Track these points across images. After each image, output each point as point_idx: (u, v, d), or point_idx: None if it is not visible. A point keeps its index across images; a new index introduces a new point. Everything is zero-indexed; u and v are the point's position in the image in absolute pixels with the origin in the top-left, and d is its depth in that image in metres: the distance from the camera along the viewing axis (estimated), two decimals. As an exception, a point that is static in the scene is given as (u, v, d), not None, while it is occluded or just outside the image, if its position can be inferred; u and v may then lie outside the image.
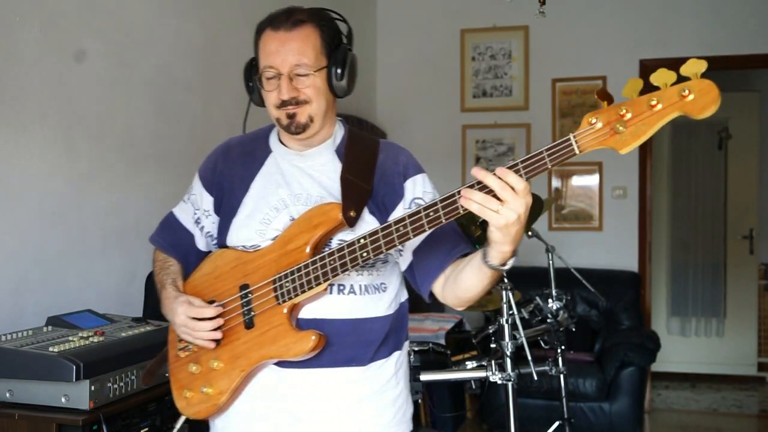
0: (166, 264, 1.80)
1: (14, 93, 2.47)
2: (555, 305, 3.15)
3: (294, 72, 1.61)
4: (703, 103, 1.25)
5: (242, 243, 1.67)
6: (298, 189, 1.67)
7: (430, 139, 5.69)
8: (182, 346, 1.72)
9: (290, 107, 1.62)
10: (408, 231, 1.45)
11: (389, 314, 1.69)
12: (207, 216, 1.78)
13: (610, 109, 1.30)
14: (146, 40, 3.14)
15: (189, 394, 1.69)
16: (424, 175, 1.73)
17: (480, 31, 5.58)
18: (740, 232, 6.25)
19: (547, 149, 1.34)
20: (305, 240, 1.58)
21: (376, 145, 1.74)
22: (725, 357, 6.22)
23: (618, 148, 1.30)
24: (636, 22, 5.33)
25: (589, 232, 5.44)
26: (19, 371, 2.00)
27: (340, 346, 1.61)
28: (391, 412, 1.70)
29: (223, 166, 1.77)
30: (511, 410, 2.74)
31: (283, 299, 1.58)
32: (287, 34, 1.61)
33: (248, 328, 1.62)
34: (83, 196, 2.78)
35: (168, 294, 1.70)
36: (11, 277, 2.47)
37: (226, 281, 1.67)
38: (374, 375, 1.67)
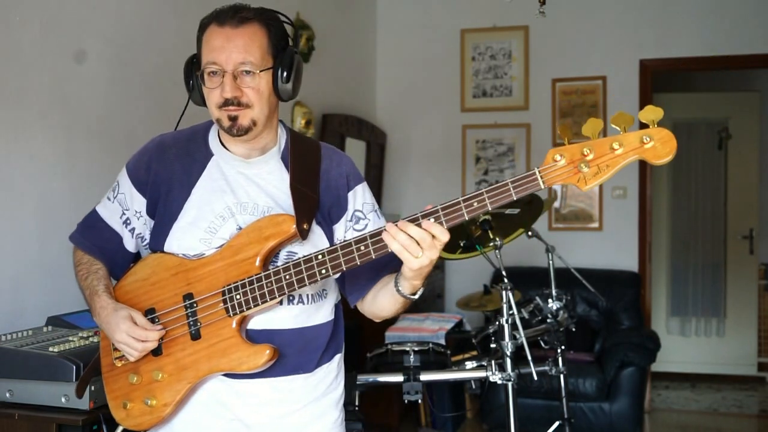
0: (93, 267, 1.70)
1: (14, 93, 2.47)
2: (555, 305, 3.15)
3: (238, 70, 1.55)
4: (662, 152, 1.37)
5: (184, 251, 1.61)
6: (244, 197, 1.62)
7: (430, 139, 5.69)
8: (118, 355, 1.66)
9: (232, 108, 1.56)
10: (370, 251, 1.46)
11: (330, 320, 1.71)
12: (138, 217, 1.68)
13: (574, 148, 1.39)
14: (146, 40, 3.14)
15: (129, 405, 1.63)
16: (364, 184, 1.72)
17: (480, 31, 5.57)
18: (740, 232, 6.25)
19: (513, 181, 1.39)
20: (255, 251, 1.55)
21: (318, 150, 1.70)
22: (725, 357, 6.22)
23: (580, 186, 1.39)
24: (636, 22, 5.33)
25: (589, 232, 5.44)
26: (19, 371, 2.00)
27: (288, 356, 1.60)
28: (336, 413, 1.72)
29: (158, 166, 1.66)
30: (511, 410, 2.74)
31: (234, 312, 1.55)
32: (233, 30, 1.57)
33: (194, 339, 1.58)
34: (83, 196, 2.78)
35: (103, 303, 1.62)
36: (11, 277, 2.47)
37: (165, 289, 1.61)
38: (319, 379, 1.68)
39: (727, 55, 5.19)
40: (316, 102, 4.57)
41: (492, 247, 2.97)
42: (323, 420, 1.69)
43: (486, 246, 3.02)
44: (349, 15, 5.36)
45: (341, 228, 1.67)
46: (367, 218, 1.69)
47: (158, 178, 1.65)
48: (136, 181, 1.68)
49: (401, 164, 5.72)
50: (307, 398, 1.66)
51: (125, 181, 1.70)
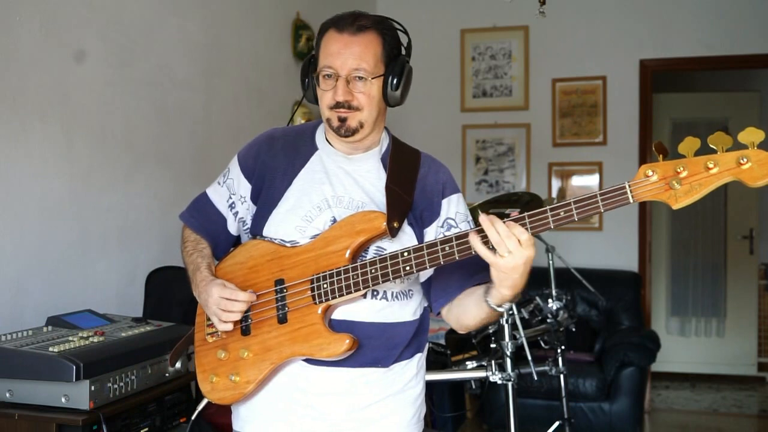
0: (199, 245, 1.79)
1: (14, 93, 2.47)
2: (555, 305, 3.15)
3: (352, 76, 1.63)
4: (759, 174, 1.32)
5: (280, 237, 1.68)
6: (341, 191, 1.68)
7: (430, 139, 5.66)
8: (210, 331, 1.73)
9: (342, 110, 1.63)
10: (454, 252, 1.50)
11: (415, 319, 1.73)
12: (242, 202, 1.76)
13: (668, 165, 1.37)
14: (146, 40, 3.14)
15: (215, 379, 1.70)
16: (459, 195, 1.77)
17: (480, 31, 5.57)
18: (740, 232, 6.25)
19: (602, 194, 1.41)
20: (346, 244, 1.61)
21: (418, 157, 1.77)
22: (725, 357, 6.22)
23: (671, 203, 1.37)
24: (636, 22, 5.33)
25: (589, 232, 5.44)
26: (19, 371, 2.00)
27: (367, 348, 1.64)
28: (411, 411, 1.74)
29: (266, 156, 1.75)
30: (511, 410, 2.74)
31: (320, 300, 1.61)
32: (351, 37, 1.64)
33: (281, 322, 1.64)
34: (83, 196, 2.78)
35: (203, 276, 1.70)
36: (11, 277, 2.47)
37: (260, 273, 1.68)
38: (396, 375, 1.71)
39: (727, 55, 5.19)
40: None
41: (492, 247, 2.97)
42: (397, 416, 1.71)
43: (486, 246, 3.01)
44: (349, 15, 5.35)
45: (432, 232, 1.71)
46: (458, 227, 1.72)
47: (264, 166, 1.74)
48: (244, 168, 1.76)
49: (401, 164, 5.72)
50: (383, 393, 1.69)
51: (235, 167, 1.78)
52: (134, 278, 3.04)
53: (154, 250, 3.13)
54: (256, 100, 3.99)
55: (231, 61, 3.79)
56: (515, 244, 1.42)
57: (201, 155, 3.46)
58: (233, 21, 3.80)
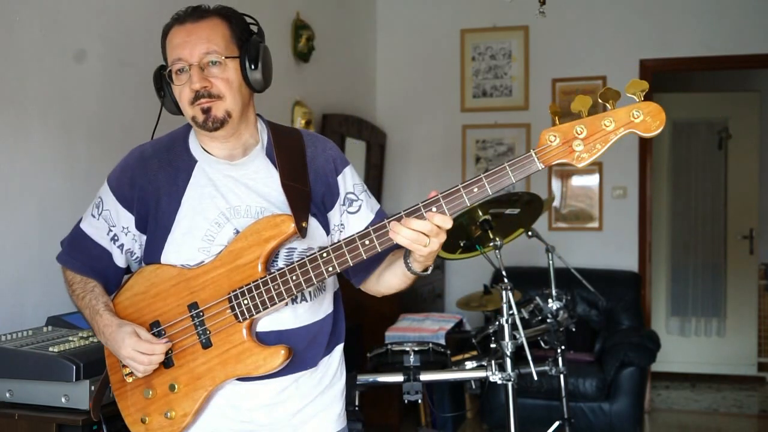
0: (88, 286, 1.68)
1: (14, 93, 2.47)
2: (555, 305, 3.15)
3: (204, 61, 1.55)
4: (653, 125, 1.38)
5: (183, 262, 1.59)
6: (235, 201, 1.59)
7: (430, 139, 5.69)
8: (128, 371, 1.65)
9: (204, 101, 1.54)
10: (375, 245, 1.47)
11: (331, 311, 1.70)
12: (126, 233, 1.65)
13: (567, 127, 1.41)
14: (146, 40, 3.13)
15: (148, 419, 1.62)
16: (350, 166, 1.72)
17: (480, 31, 5.57)
18: (740, 232, 6.25)
19: (511, 164, 1.41)
20: (257, 254, 1.54)
21: (301, 139, 1.69)
22: (725, 357, 6.22)
23: (576, 163, 1.42)
24: (636, 22, 5.33)
25: (589, 232, 5.44)
26: (19, 371, 2.00)
27: (296, 354, 1.60)
28: (340, 405, 1.73)
29: (142, 181, 1.63)
30: (511, 410, 2.74)
31: (243, 317, 1.54)
32: (194, 24, 1.58)
33: (205, 347, 1.57)
34: (83, 196, 2.78)
35: (106, 321, 1.60)
36: (11, 277, 2.47)
37: (167, 300, 1.60)
38: (322, 373, 1.69)
39: (727, 55, 5.19)
40: (316, 102, 4.57)
41: (492, 247, 2.97)
42: (327, 412, 1.70)
43: (486, 246, 3.02)
44: (349, 15, 5.36)
45: (336, 213, 1.66)
46: (359, 199, 1.68)
47: (144, 192, 1.62)
48: (121, 197, 1.65)
49: (401, 164, 5.72)
50: (313, 393, 1.67)
51: (109, 197, 1.67)
52: (134, 278, 3.03)
53: (154, 250, 3.12)
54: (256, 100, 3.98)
55: (231, 61, 3.79)
56: (436, 231, 1.43)
57: (201, 155, 3.45)
58: (233, 21, 3.80)
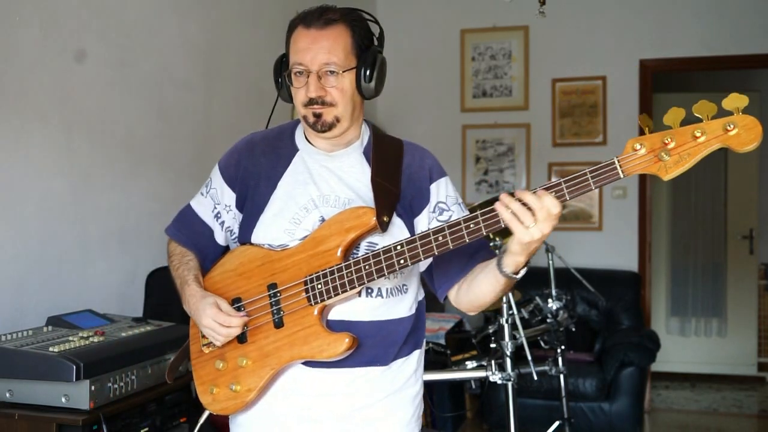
0: (185, 258, 1.77)
1: (14, 93, 2.47)
2: (555, 305, 3.15)
3: (323, 71, 1.61)
4: (747, 139, 1.32)
5: (269, 242, 1.66)
6: (326, 190, 1.66)
7: (430, 139, 5.65)
8: (206, 342, 1.71)
9: (317, 106, 1.62)
10: (448, 242, 1.47)
11: (410, 315, 1.72)
12: (228, 211, 1.74)
13: (655, 137, 1.36)
14: (146, 40, 3.14)
15: (215, 390, 1.68)
16: (447, 178, 1.75)
17: (480, 31, 5.57)
18: (740, 232, 6.25)
19: (592, 171, 1.39)
20: (337, 243, 1.58)
21: (401, 146, 1.75)
22: (725, 357, 6.22)
23: (661, 174, 1.36)
24: (636, 22, 5.33)
25: (589, 232, 5.44)
26: (19, 371, 2.00)
27: (365, 347, 1.63)
28: (411, 410, 1.73)
29: (247, 163, 1.73)
30: (511, 410, 2.75)
31: (315, 301, 1.59)
32: (319, 32, 1.61)
33: (277, 327, 1.62)
34: (83, 196, 2.78)
35: (192, 291, 1.68)
36: (11, 277, 2.47)
37: (251, 279, 1.66)
38: (395, 373, 1.69)
39: (727, 55, 5.19)
40: (316, 102, 4.56)
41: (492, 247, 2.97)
42: (398, 415, 1.70)
43: (486, 246, 3.02)
44: (349, 15, 5.35)
45: (424, 219, 1.68)
46: (450, 210, 1.70)
47: (247, 173, 1.72)
48: (226, 176, 1.74)
49: (401, 164, 5.71)
50: (382, 392, 1.67)
51: (217, 176, 1.76)
52: (134, 278, 3.03)
53: (154, 250, 3.12)
54: (256, 100, 3.98)
55: (231, 61, 3.79)
56: (545, 214, 1.38)
57: (201, 155, 3.46)
58: (233, 21, 3.80)
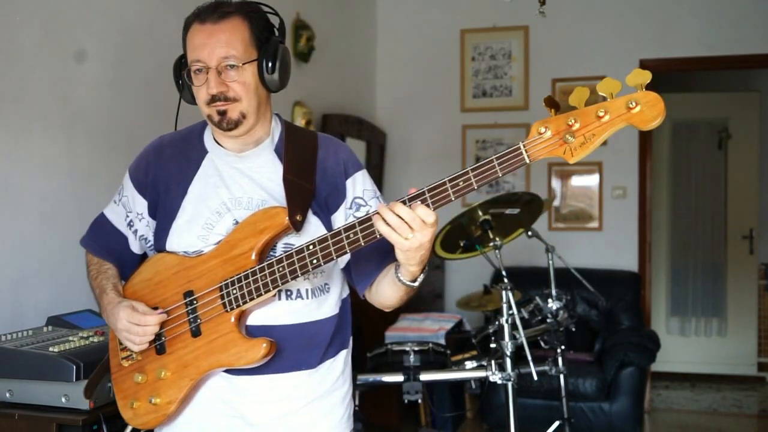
0: (103, 267, 1.75)
1: (15, 93, 2.47)
2: (555, 305, 3.15)
3: (222, 65, 1.56)
4: (650, 116, 1.27)
5: (184, 249, 1.62)
6: (238, 192, 1.62)
7: (430, 139, 5.69)
8: (125, 355, 1.68)
9: (220, 103, 1.57)
10: (359, 238, 1.44)
11: (334, 314, 1.69)
12: (140, 219, 1.71)
13: (559, 119, 1.33)
14: (146, 40, 3.14)
15: (136, 404, 1.65)
16: (363, 171, 1.71)
17: (480, 31, 5.57)
18: (740, 232, 6.25)
19: (498, 157, 1.36)
20: (250, 245, 1.55)
21: (315, 140, 1.69)
22: (725, 357, 6.22)
23: (567, 158, 1.34)
24: (636, 22, 5.33)
25: (589, 232, 5.44)
26: (19, 371, 2.00)
27: (289, 351, 1.60)
28: (341, 411, 1.71)
29: (156, 168, 1.69)
30: (511, 410, 2.74)
31: (231, 306, 1.55)
32: (214, 26, 1.57)
33: (195, 336, 1.59)
34: (83, 195, 2.78)
35: (110, 299, 1.66)
36: (11, 277, 2.47)
37: (168, 287, 1.63)
38: (323, 376, 1.67)
39: (727, 55, 5.19)
40: (316, 102, 4.57)
41: (492, 247, 2.98)
42: (329, 418, 1.68)
43: (486, 246, 3.02)
44: (349, 15, 5.37)
45: (341, 216, 1.65)
46: (368, 205, 1.67)
47: (156, 179, 1.68)
48: (136, 183, 1.71)
49: (401, 164, 5.72)
50: (311, 395, 1.65)
51: (128, 184, 1.73)
52: (134, 278, 3.03)
53: (154, 250, 3.13)
54: (256, 100, 3.98)
55: (231, 61, 3.79)
56: (420, 224, 1.37)
57: (201, 155, 3.45)
58: (233, 21, 3.80)
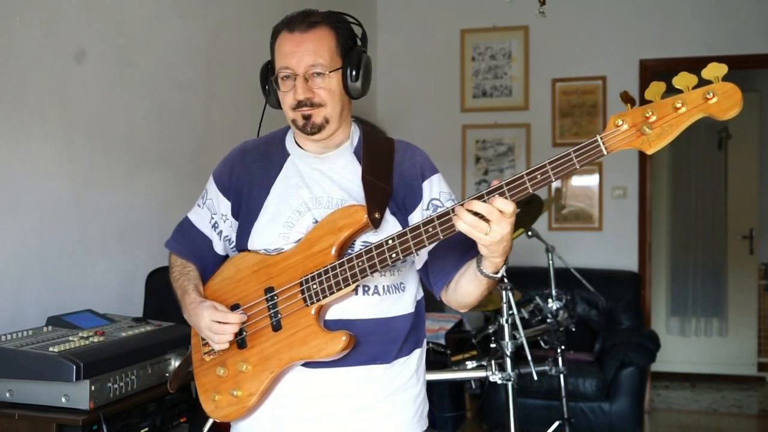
0: (186, 269, 1.81)
1: (14, 93, 2.47)
2: (555, 305, 3.15)
3: (309, 72, 1.62)
4: (727, 105, 1.30)
5: (265, 247, 1.67)
6: (318, 192, 1.68)
7: (430, 139, 5.67)
8: (207, 350, 1.72)
9: (305, 108, 1.63)
10: (437, 232, 1.47)
11: (410, 312, 1.72)
12: (224, 220, 1.77)
13: (636, 111, 1.35)
14: (146, 40, 3.14)
15: (218, 397, 1.69)
16: (439, 175, 1.76)
17: (480, 31, 5.57)
18: (740, 232, 6.25)
19: (575, 150, 1.37)
20: (330, 242, 1.60)
21: (392, 144, 1.76)
22: (725, 357, 6.22)
23: (645, 148, 1.35)
24: (636, 22, 5.33)
25: (589, 232, 5.44)
26: (19, 371, 2.00)
27: (365, 345, 1.63)
28: (413, 409, 1.73)
29: (240, 171, 1.76)
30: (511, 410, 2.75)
31: (311, 301, 1.60)
32: (303, 35, 1.64)
33: (275, 330, 1.63)
34: (83, 196, 2.78)
35: (192, 299, 1.71)
36: (11, 277, 2.47)
37: (249, 284, 1.68)
38: (397, 372, 1.70)
39: (727, 55, 5.19)
40: (316, 102, 4.56)
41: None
42: (401, 415, 1.70)
43: (486, 246, 3.02)
44: (349, 15, 5.36)
45: (417, 217, 1.68)
46: (444, 206, 1.69)
47: (240, 181, 1.74)
48: (221, 186, 1.77)
49: (401, 164, 5.71)
50: (384, 390, 1.68)
51: (212, 187, 1.79)
52: (134, 278, 3.03)
53: (154, 250, 3.12)
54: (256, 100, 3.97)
55: (231, 61, 3.79)
56: (498, 216, 1.39)
57: (201, 155, 3.46)
58: (233, 21, 3.80)
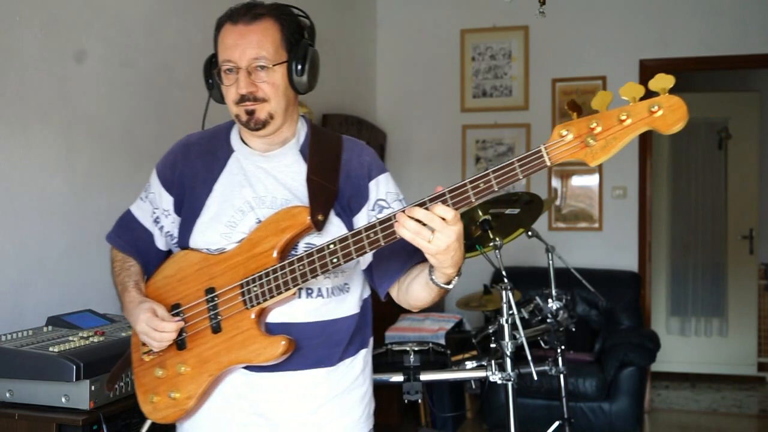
0: (126, 264, 1.77)
1: (15, 93, 2.47)
2: (555, 305, 3.15)
3: (252, 65, 1.58)
4: (672, 120, 1.29)
5: (207, 246, 1.64)
6: (262, 191, 1.64)
7: (430, 139, 5.69)
8: (146, 350, 1.69)
9: (249, 103, 1.59)
10: (379, 238, 1.44)
11: (354, 314, 1.70)
12: (166, 216, 1.73)
13: (581, 122, 1.32)
14: (146, 40, 3.14)
15: (155, 398, 1.67)
16: (387, 174, 1.72)
17: (480, 31, 5.57)
18: (740, 232, 6.25)
19: (519, 160, 1.35)
20: (272, 244, 1.56)
21: (340, 142, 1.71)
22: (725, 357, 6.22)
23: (588, 161, 1.33)
24: (636, 22, 5.33)
25: (589, 232, 5.44)
26: (19, 371, 2.00)
27: (308, 349, 1.61)
28: (360, 410, 1.72)
29: (183, 165, 1.72)
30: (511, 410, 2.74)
31: (251, 304, 1.57)
32: (246, 27, 1.60)
33: (215, 332, 1.60)
34: (83, 195, 2.78)
35: (131, 297, 1.68)
36: (11, 277, 2.47)
37: (190, 284, 1.64)
38: (342, 374, 1.68)
39: (727, 55, 5.19)
40: (316, 102, 4.57)
41: (492, 247, 2.97)
42: (347, 416, 1.69)
43: (486, 246, 3.02)
44: (349, 15, 5.36)
45: (363, 218, 1.66)
46: (391, 207, 1.67)
47: (183, 176, 1.71)
48: (163, 180, 1.74)
49: (401, 164, 5.72)
50: (330, 393, 1.66)
51: (155, 181, 1.76)
52: (134, 278, 3.03)
53: (154, 250, 3.13)
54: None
55: (231, 61, 3.79)
56: (440, 224, 1.35)
57: (201, 155, 3.45)
58: (233, 21, 3.80)
